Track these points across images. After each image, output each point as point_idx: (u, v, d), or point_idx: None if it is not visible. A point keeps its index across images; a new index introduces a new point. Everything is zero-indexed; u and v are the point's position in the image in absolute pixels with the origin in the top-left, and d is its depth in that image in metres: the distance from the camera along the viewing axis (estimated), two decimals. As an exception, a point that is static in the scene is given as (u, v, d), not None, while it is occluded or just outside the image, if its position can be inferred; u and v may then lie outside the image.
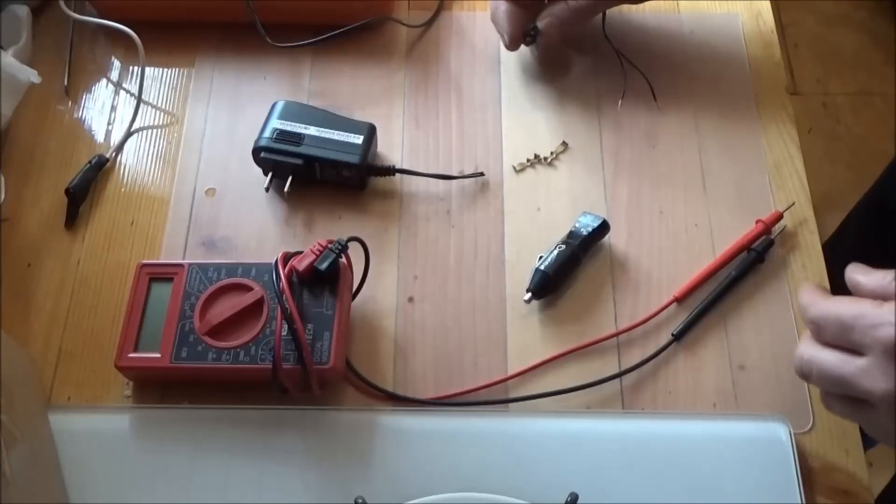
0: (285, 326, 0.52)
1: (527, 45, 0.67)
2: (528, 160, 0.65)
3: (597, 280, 0.60)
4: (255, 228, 0.62)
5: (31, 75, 0.65)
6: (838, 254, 0.53)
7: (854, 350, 0.45)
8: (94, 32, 0.71)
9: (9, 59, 0.64)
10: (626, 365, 0.56)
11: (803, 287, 0.49)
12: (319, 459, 0.53)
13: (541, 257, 0.59)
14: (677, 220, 0.62)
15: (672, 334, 0.57)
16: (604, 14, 0.70)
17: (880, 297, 0.45)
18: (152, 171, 0.65)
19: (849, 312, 0.45)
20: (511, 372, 0.56)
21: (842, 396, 0.46)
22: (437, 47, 0.71)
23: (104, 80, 0.70)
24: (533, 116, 0.67)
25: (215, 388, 0.55)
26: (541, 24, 0.65)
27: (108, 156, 0.65)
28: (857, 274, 0.47)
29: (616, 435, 0.54)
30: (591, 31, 0.71)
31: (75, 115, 0.68)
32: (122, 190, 0.64)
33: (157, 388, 0.56)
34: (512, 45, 0.66)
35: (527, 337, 0.58)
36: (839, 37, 1.74)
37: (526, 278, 0.59)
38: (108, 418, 0.55)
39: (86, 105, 0.68)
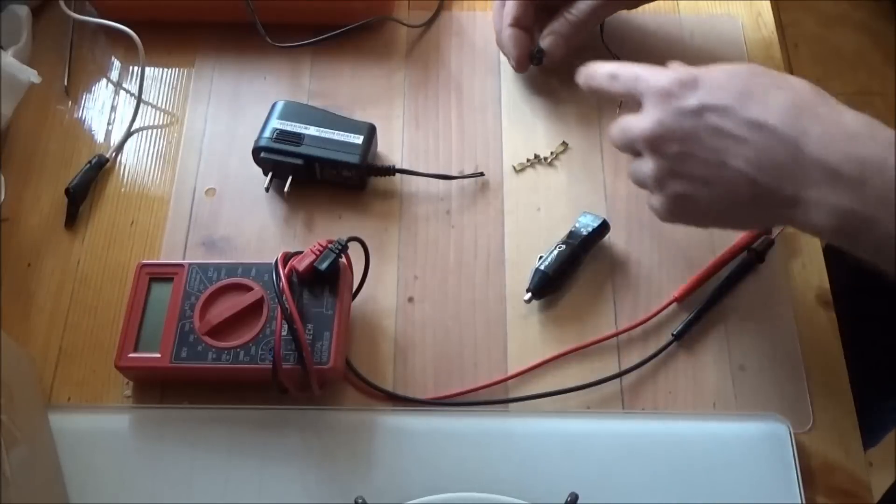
0: (285, 326, 0.52)
1: (535, 65, 0.67)
2: (528, 160, 0.65)
3: (597, 280, 0.60)
4: (255, 228, 0.62)
5: (31, 75, 0.65)
6: (838, 260, 0.52)
7: (639, 105, 0.50)
8: (94, 32, 0.71)
9: (9, 59, 0.64)
10: (626, 365, 0.56)
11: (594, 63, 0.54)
12: (319, 459, 0.53)
13: (541, 257, 0.59)
14: (677, 220, 0.62)
15: (672, 334, 0.57)
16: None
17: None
18: (152, 171, 0.65)
19: (641, 68, 0.52)
20: (511, 372, 0.56)
21: (633, 156, 0.51)
22: (437, 47, 0.71)
23: (104, 80, 0.70)
24: (533, 116, 0.67)
25: (215, 388, 0.55)
26: (544, 43, 0.65)
27: (108, 156, 0.65)
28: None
29: (616, 435, 0.54)
30: (590, 33, 0.70)
31: (75, 115, 0.68)
32: (122, 190, 0.64)
33: (157, 388, 0.56)
34: (519, 68, 0.67)
35: (527, 337, 0.58)
36: (839, 37, 1.74)
37: (526, 278, 0.59)
38: (108, 418, 0.55)
39: (86, 105, 0.68)
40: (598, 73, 0.54)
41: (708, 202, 0.48)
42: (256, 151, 0.62)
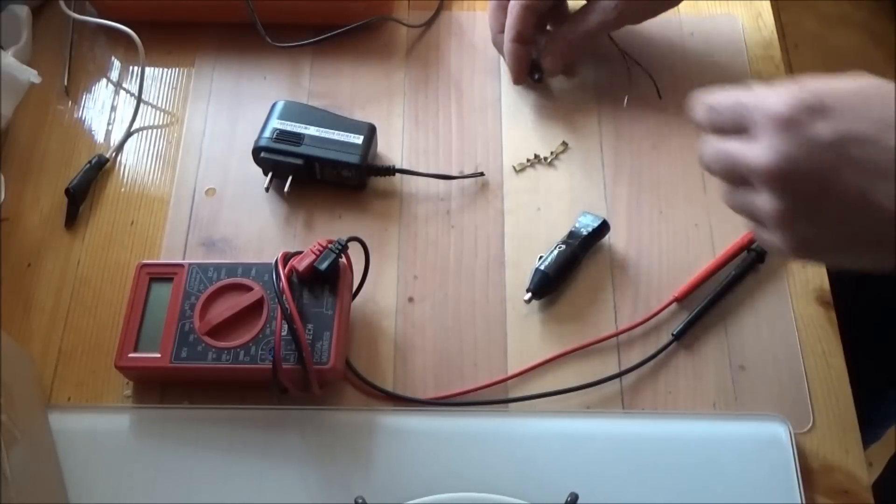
0: (285, 326, 0.52)
1: (535, 81, 0.68)
2: (528, 160, 0.65)
3: (597, 280, 0.60)
4: (255, 228, 0.62)
5: (31, 75, 0.65)
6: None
7: (747, 131, 0.43)
8: (94, 32, 0.71)
9: (9, 59, 0.64)
10: (626, 365, 0.56)
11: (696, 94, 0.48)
12: (319, 459, 0.53)
13: (541, 257, 0.59)
14: (677, 220, 0.62)
15: (672, 334, 0.57)
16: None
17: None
18: (152, 171, 0.65)
19: (745, 95, 0.44)
20: (511, 372, 0.56)
21: (735, 185, 0.45)
22: (437, 47, 0.71)
23: (104, 80, 0.70)
24: (533, 116, 0.67)
25: (215, 388, 0.55)
26: (544, 63, 0.65)
27: (108, 156, 0.65)
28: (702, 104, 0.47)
29: (616, 435, 0.54)
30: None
31: (75, 115, 0.68)
32: (122, 190, 0.64)
33: (157, 388, 0.56)
34: (517, 82, 0.67)
35: (527, 337, 0.58)
36: (839, 37, 1.74)
37: (526, 278, 0.59)
38: (108, 418, 0.55)
39: (86, 105, 0.68)
40: (697, 108, 0.47)
41: (846, 243, 0.43)
42: (256, 151, 0.62)
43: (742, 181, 0.44)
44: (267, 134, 0.62)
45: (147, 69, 0.68)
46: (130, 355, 0.54)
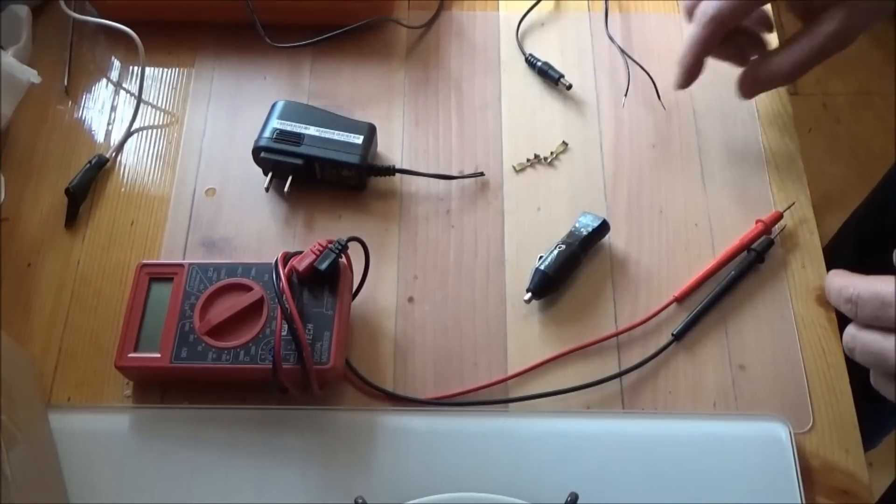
0: (285, 326, 0.52)
1: (566, 89, 0.67)
2: (528, 160, 0.65)
3: (597, 280, 0.60)
4: (255, 228, 0.62)
5: (31, 75, 0.65)
6: (838, 261, 0.52)
7: (893, 327, 0.44)
8: (94, 32, 0.71)
9: (9, 59, 0.64)
10: (626, 365, 0.56)
11: (834, 271, 0.48)
12: (319, 459, 0.53)
13: (541, 257, 0.59)
14: (677, 220, 0.62)
15: (672, 334, 0.57)
16: (606, 13, 0.71)
17: None
18: (152, 171, 0.65)
19: (885, 289, 0.44)
20: (511, 372, 0.56)
21: (886, 375, 0.45)
22: (437, 47, 0.71)
23: (104, 80, 0.70)
24: (533, 116, 0.67)
25: (215, 388, 0.55)
26: (767, 74, 0.59)
27: (108, 156, 0.65)
28: None
29: (616, 435, 0.54)
30: (593, 30, 0.71)
31: (75, 115, 0.68)
32: (122, 190, 0.64)
33: (157, 388, 0.56)
34: (683, 85, 0.61)
35: (527, 337, 0.58)
36: (839, 37, 1.74)
37: (526, 278, 0.59)
38: (108, 418, 0.55)
39: (86, 105, 0.68)
40: (830, 291, 0.48)
41: None
42: (256, 151, 0.62)
43: (888, 372, 0.45)
44: (267, 134, 0.62)
45: (147, 69, 0.68)
46: (130, 355, 0.54)
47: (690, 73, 0.60)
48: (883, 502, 0.53)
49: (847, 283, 0.46)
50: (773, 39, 0.64)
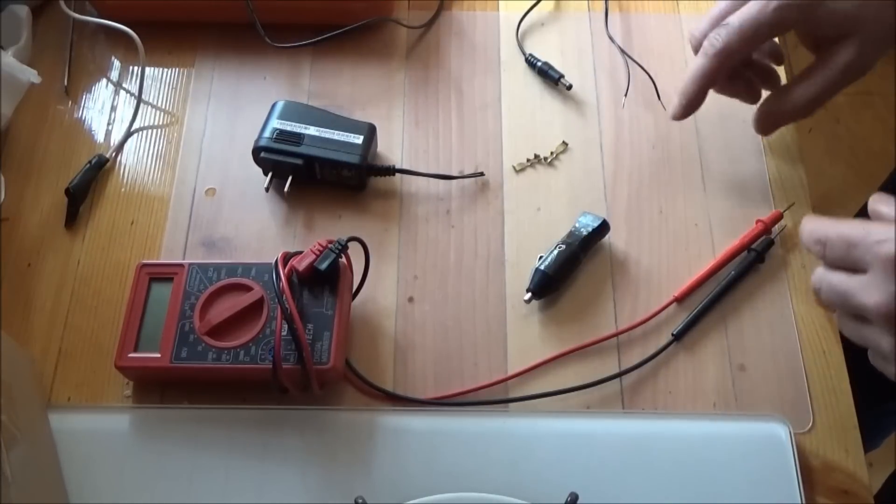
0: (285, 326, 0.52)
1: (566, 89, 0.67)
2: (528, 160, 0.65)
3: (597, 280, 0.60)
4: (255, 228, 0.62)
5: (31, 75, 0.65)
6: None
7: (858, 269, 0.45)
8: (94, 32, 0.71)
9: (9, 59, 0.64)
10: (626, 365, 0.56)
11: (808, 216, 0.48)
12: (319, 459, 0.53)
13: (541, 257, 0.59)
14: (677, 220, 0.62)
15: (672, 334, 0.57)
16: (606, 13, 0.71)
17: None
18: (152, 171, 0.65)
19: (853, 231, 0.45)
20: (511, 372, 0.56)
21: (849, 316, 0.46)
22: (437, 47, 0.71)
23: (104, 80, 0.70)
24: (533, 116, 0.67)
25: (215, 388, 0.55)
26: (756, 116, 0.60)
27: (108, 156, 0.65)
28: (880, 204, 0.47)
29: (616, 435, 0.54)
30: (593, 30, 0.71)
31: (75, 115, 0.68)
32: (122, 190, 0.64)
33: (157, 388, 0.56)
34: (679, 116, 0.60)
35: (527, 337, 0.58)
36: (839, 37, 1.74)
37: (526, 278, 0.59)
38: (108, 418, 0.55)
39: (86, 105, 0.68)
40: (802, 234, 0.48)
41: None
42: (256, 151, 0.62)
43: (857, 315, 0.45)
44: (267, 134, 0.62)
45: (147, 69, 0.68)
46: (130, 355, 0.54)
47: (692, 104, 0.59)
48: (878, 499, 0.53)
49: (817, 227, 0.47)
50: (781, 72, 0.64)
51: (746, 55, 0.59)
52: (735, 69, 0.59)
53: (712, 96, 0.62)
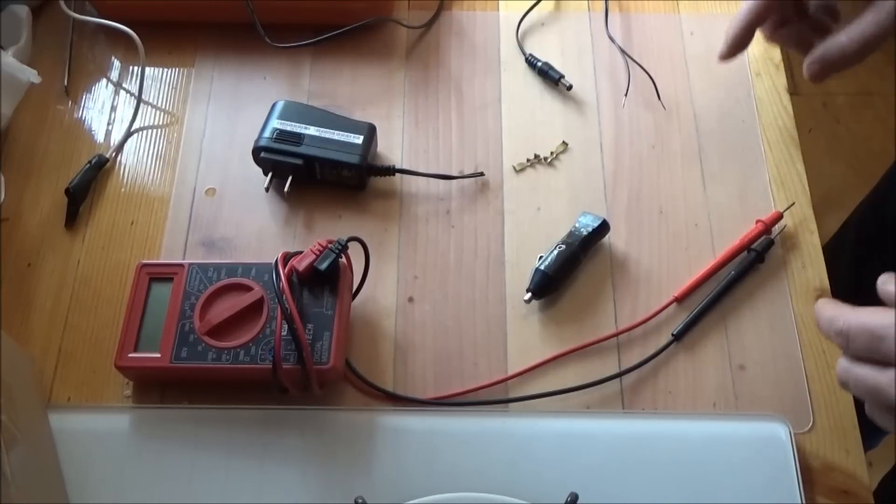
0: (285, 326, 0.52)
1: (567, 89, 0.66)
2: (528, 160, 0.65)
3: (597, 280, 0.60)
4: (255, 228, 0.62)
5: (31, 75, 0.65)
6: (838, 260, 0.52)
7: (886, 362, 0.42)
8: (94, 32, 0.71)
9: (9, 59, 0.64)
10: (626, 365, 0.56)
11: (823, 301, 0.47)
12: (319, 459, 0.53)
13: (541, 257, 0.59)
14: (677, 220, 0.62)
15: (672, 334, 0.57)
16: (606, 13, 0.71)
17: None
18: (152, 171, 0.65)
19: (876, 322, 0.43)
20: (511, 372, 0.56)
21: (881, 407, 0.44)
22: (437, 47, 0.71)
23: (104, 80, 0.70)
24: (533, 116, 0.67)
25: (215, 388, 0.55)
26: (810, 67, 0.56)
27: (108, 156, 0.65)
28: (890, 285, 0.45)
29: (616, 435, 0.54)
30: (593, 30, 0.71)
31: (75, 115, 0.68)
32: (122, 190, 0.64)
33: (157, 388, 0.56)
34: (729, 53, 0.58)
35: (527, 337, 0.58)
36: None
37: (526, 278, 0.59)
38: (108, 418, 0.55)
39: (86, 105, 0.68)
40: (820, 322, 0.46)
41: None
42: (256, 151, 0.62)
43: (883, 404, 0.43)
44: (267, 134, 0.62)
45: (147, 69, 0.68)
46: (130, 355, 0.54)
47: (738, 44, 0.57)
48: (876, 497, 0.53)
49: (836, 315, 0.45)
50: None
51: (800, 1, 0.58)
52: (788, 17, 0.58)
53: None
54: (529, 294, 0.58)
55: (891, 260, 0.83)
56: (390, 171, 0.63)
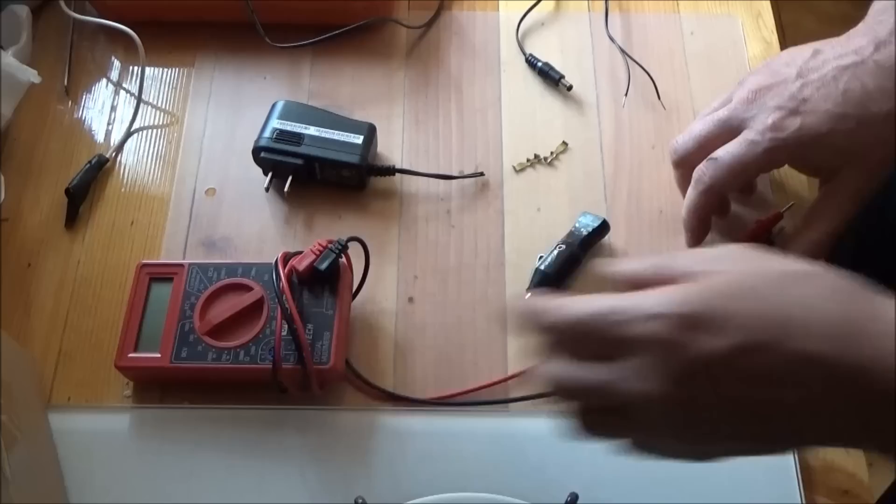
0: (285, 326, 0.52)
1: (567, 90, 0.67)
2: (528, 160, 0.65)
3: (597, 280, 0.60)
4: (255, 228, 0.62)
5: (31, 75, 0.65)
6: (838, 261, 0.52)
7: (604, 355, 0.36)
8: (94, 32, 0.71)
9: (9, 59, 0.64)
10: (626, 365, 0.56)
11: (526, 297, 0.40)
12: (319, 459, 0.53)
13: (541, 257, 0.59)
14: (677, 220, 0.62)
15: (672, 334, 0.57)
16: (606, 13, 0.71)
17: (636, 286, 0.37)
18: (152, 171, 0.65)
19: (595, 309, 0.36)
20: (511, 372, 0.56)
21: (605, 413, 0.38)
22: (437, 47, 0.71)
23: (104, 80, 0.70)
24: (533, 116, 0.67)
25: (215, 388, 0.55)
26: (795, 249, 0.56)
27: (108, 156, 0.65)
28: (608, 266, 0.39)
29: (616, 435, 0.53)
30: (593, 30, 0.71)
31: (75, 115, 0.68)
32: (122, 190, 0.64)
33: (157, 388, 0.56)
34: (694, 243, 0.59)
35: (527, 337, 0.58)
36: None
37: (526, 278, 0.59)
38: (108, 418, 0.55)
39: (86, 105, 0.68)
40: (529, 318, 0.40)
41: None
42: (256, 151, 0.62)
43: (614, 408, 0.37)
44: (267, 134, 0.62)
45: (147, 69, 0.68)
46: (130, 355, 0.54)
47: (699, 234, 0.59)
48: (882, 502, 0.53)
49: (543, 308, 0.39)
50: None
51: (734, 190, 0.59)
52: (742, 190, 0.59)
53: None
54: (529, 294, 0.58)
55: (891, 261, 0.83)
56: (390, 171, 0.63)
